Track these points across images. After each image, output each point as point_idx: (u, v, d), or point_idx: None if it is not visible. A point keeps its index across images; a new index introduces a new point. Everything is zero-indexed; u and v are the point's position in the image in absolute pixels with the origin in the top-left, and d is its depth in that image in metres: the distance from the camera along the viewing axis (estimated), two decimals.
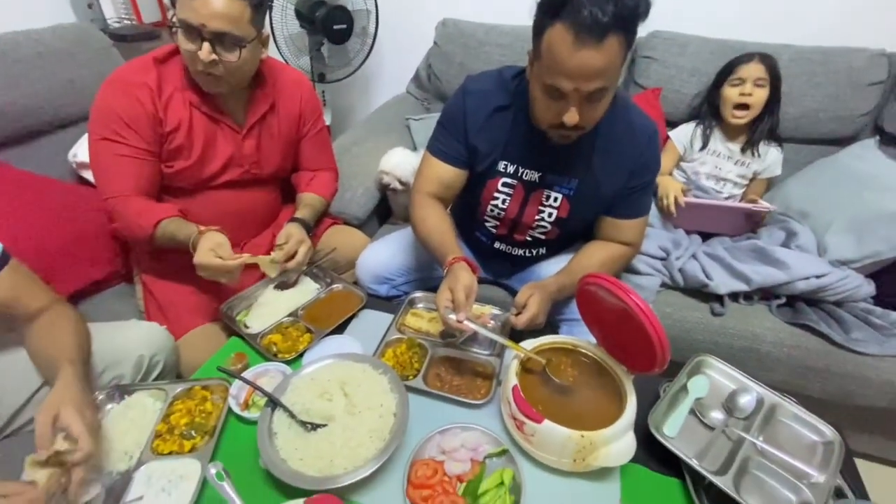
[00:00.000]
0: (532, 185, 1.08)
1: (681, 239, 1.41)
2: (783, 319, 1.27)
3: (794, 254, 1.29)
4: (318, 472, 0.75)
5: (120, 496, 0.75)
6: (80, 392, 0.74)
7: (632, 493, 0.79)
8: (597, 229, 1.15)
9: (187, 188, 1.17)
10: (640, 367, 0.80)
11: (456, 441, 0.83)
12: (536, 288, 1.02)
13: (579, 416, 0.80)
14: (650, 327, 0.71)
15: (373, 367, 0.91)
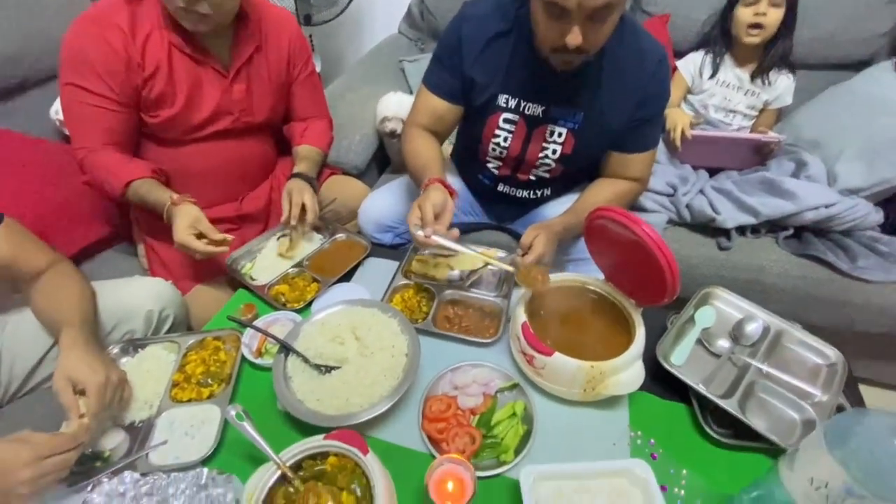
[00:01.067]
0: (535, 120, 1.04)
1: (688, 174, 1.38)
2: (789, 251, 1.26)
3: (803, 184, 1.26)
4: (335, 411, 0.77)
5: (144, 442, 0.77)
6: (84, 352, 0.74)
7: (640, 419, 0.82)
8: (603, 166, 1.12)
9: (177, 139, 1.12)
10: (648, 300, 0.80)
11: (468, 377, 0.85)
12: (542, 228, 1.01)
13: (588, 349, 0.81)
14: (661, 256, 0.70)
15: (382, 311, 0.92)
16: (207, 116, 1.11)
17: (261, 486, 0.65)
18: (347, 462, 0.68)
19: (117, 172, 1.04)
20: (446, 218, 0.92)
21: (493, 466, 0.74)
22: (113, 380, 0.71)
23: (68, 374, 0.70)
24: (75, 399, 0.69)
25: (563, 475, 0.69)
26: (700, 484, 0.73)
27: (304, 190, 1.15)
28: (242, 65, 1.11)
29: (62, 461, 0.66)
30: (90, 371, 0.70)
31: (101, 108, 1.00)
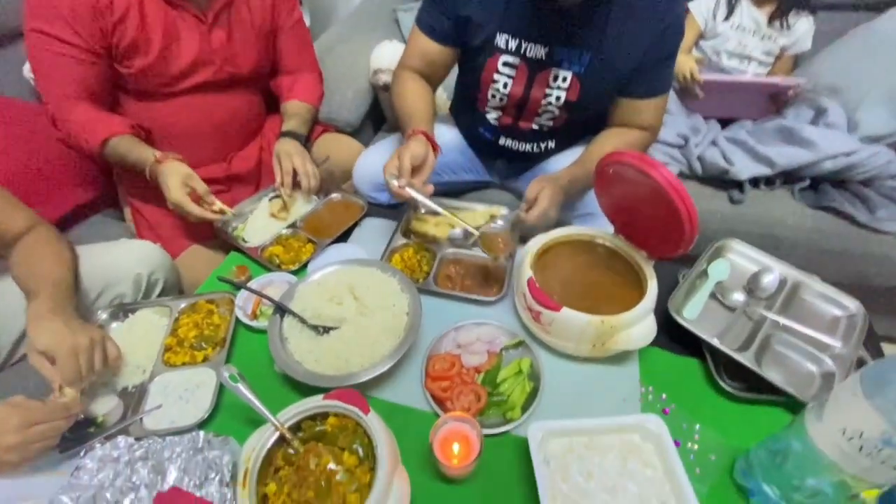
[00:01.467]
0: (537, 63, 0.96)
1: (699, 125, 1.31)
2: (805, 203, 1.21)
3: (823, 132, 1.19)
4: (334, 371, 0.74)
5: (138, 406, 0.75)
6: (49, 321, 0.69)
7: (651, 375, 0.79)
8: (611, 114, 1.05)
9: (156, 93, 1.05)
10: (663, 251, 0.76)
11: (471, 335, 0.81)
12: (547, 181, 0.95)
13: (597, 304, 0.77)
14: (679, 202, 0.65)
15: (381, 270, 0.88)
16: (186, 66, 1.03)
17: (258, 448, 0.62)
18: (348, 422, 0.66)
19: (93, 129, 0.98)
20: (425, 172, 0.89)
21: (500, 424, 0.71)
22: (83, 343, 0.67)
23: (37, 347, 0.66)
24: (54, 369, 0.66)
25: (573, 431, 0.66)
26: (713, 438, 0.71)
27: (294, 153, 1.08)
28: (221, 9, 1.03)
29: (51, 429, 0.64)
30: (55, 339, 0.66)
31: (69, 56, 0.93)
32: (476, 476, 0.67)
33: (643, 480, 0.62)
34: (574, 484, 0.62)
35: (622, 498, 0.61)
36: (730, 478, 0.67)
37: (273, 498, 0.60)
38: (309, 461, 0.62)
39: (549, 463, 0.64)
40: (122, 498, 0.61)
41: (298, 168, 1.07)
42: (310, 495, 0.59)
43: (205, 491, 0.60)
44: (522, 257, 0.86)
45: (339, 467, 0.62)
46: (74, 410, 0.67)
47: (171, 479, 0.62)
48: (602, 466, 0.64)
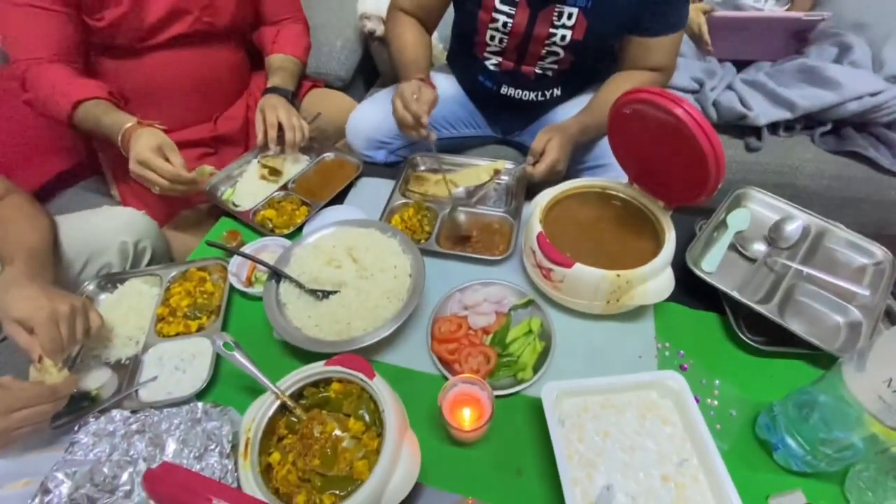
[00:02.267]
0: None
1: (715, 68, 1.22)
2: (826, 149, 1.14)
3: (847, 71, 1.11)
4: (336, 336, 0.70)
5: (133, 379, 0.71)
6: (25, 288, 0.64)
7: (667, 331, 0.75)
8: (620, 55, 0.97)
9: (131, 47, 0.96)
10: (683, 198, 0.70)
11: (478, 296, 0.77)
12: (555, 131, 0.89)
13: (610, 258, 0.73)
14: (704, 139, 0.59)
15: (380, 230, 0.83)
16: (161, 17, 0.94)
17: (259, 417, 0.59)
18: (353, 388, 0.63)
19: (65, 90, 0.90)
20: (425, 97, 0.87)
21: (511, 385, 0.68)
22: (63, 310, 0.63)
23: (11, 315, 0.62)
24: (32, 339, 0.62)
25: (588, 390, 0.63)
26: (734, 394, 0.68)
27: (279, 106, 1.01)
28: None
29: (36, 414, 0.60)
30: (33, 307, 0.62)
31: (36, 7, 0.84)
32: (487, 438, 0.64)
33: (662, 438, 0.60)
34: (590, 443, 0.60)
35: (640, 456, 0.58)
36: (751, 433, 0.64)
37: (277, 467, 0.57)
38: (313, 429, 0.59)
39: (563, 423, 0.62)
40: (119, 472, 0.59)
41: (284, 121, 1.00)
42: (315, 463, 0.57)
43: (204, 463, 0.57)
44: (530, 212, 0.81)
45: (344, 434, 0.59)
46: (63, 394, 0.63)
47: (170, 451, 0.60)
48: (619, 425, 0.61)
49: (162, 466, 0.37)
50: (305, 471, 0.57)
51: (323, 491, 0.55)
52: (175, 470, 0.36)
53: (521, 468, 0.62)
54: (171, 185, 0.85)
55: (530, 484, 0.61)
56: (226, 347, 0.63)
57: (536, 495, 0.60)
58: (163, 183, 0.84)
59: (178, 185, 0.85)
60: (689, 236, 0.82)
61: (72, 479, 0.58)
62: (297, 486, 0.56)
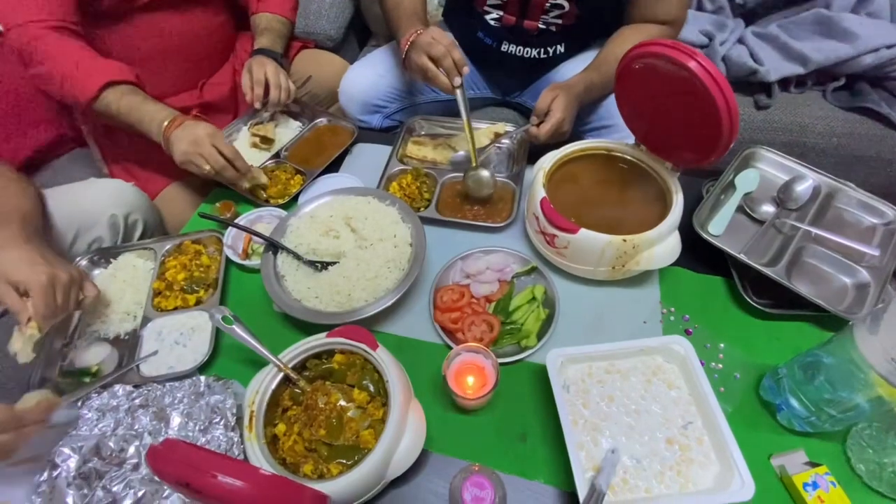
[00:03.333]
0: None
1: (725, 20, 1.16)
2: (838, 105, 1.10)
3: (864, 21, 1.06)
4: (337, 308, 0.69)
5: (133, 354, 0.71)
6: (24, 250, 0.62)
7: (672, 295, 0.74)
8: (627, 7, 0.91)
9: (113, 12, 0.90)
10: (694, 159, 0.68)
11: (480, 264, 0.76)
12: (560, 89, 0.85)
13: (616, 222, 0.71)
14: (718, 94, 0.55)
15: (378, 198, 0.80)
16: None
17: (262, 390, 0.59)
18: (356, 358, 0.62)
19: (90, 69, 0.82)
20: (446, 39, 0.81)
21: (515, 353, 0.68)
22: (62, 278, 0.61)
23: (6, 275, 0.59)
24: (22, 301, 0.60)
25: (593, 356, 0.63)
26: (738, 357, 0.68)
27: (266, 63, 0.96)
28: None
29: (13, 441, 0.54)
30: (31, 270, 0.60)
31: None
32: (492, 405, 0.65)
33: (667, 402, 0.60)
34: (595, 408, 0.60)
35: (645, 419, 0.59)
36: (755, 395, 0.65)
37: (283, 438, 0.58)
38: (317, 400, 0.59)
39: (568, 389, 0.61)
40: (126, 446, 0.59)
41: (271, 78, 0.95)
42: (321, 433, 0.57)
43: (210, 436, 0.57)
44: (533, 176, 0.78)
45: (349, 404, 0.59)
46: (29, 421, 0.56)
47: (175, 425, 0.60)
48: (624, 390, 0.61)
49: (165, 443, 0.37)
50: (311, 441, 0.57)
51: (330, 460, 0.55)
52: (178, 446, 0.35)
53: (525, 433, 0.62)
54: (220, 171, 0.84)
55: (534, 449, 0.61)
56: (225, 321, 0.61)
57: (541, 459, 0.60)
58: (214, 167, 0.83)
59: (226, 173, 0.84)
60: (695, 199, 0.80)
61: (78, 454, 0.58)
62: (304, 455, 0.56)
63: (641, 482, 0.55)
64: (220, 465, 0.34)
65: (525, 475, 0.59)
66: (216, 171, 0.83)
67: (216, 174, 0.83)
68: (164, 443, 0.37)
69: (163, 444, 0.37)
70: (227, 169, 0.84)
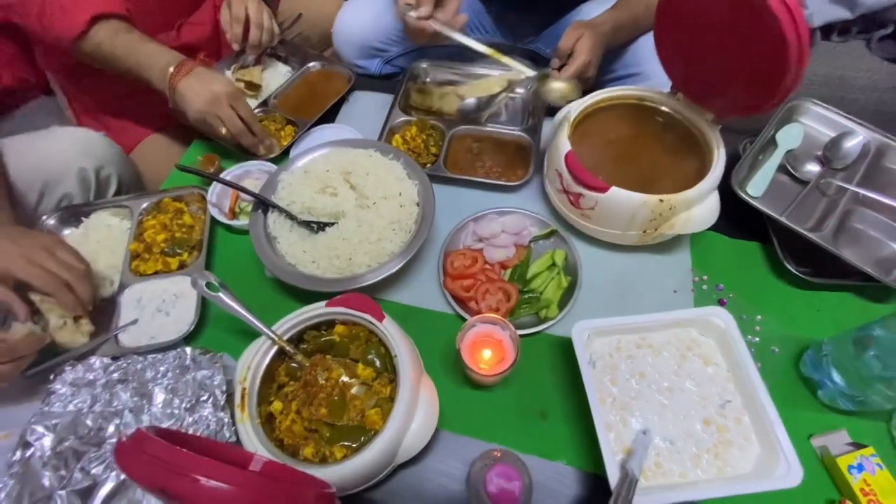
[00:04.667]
0: None
1: None
2: (882, 56, 0.99)
3: None
4: (336, 273, 0.62)
5: (110, 323, 0.64)
6: None
7: (705, 262, 0.68)
8: None
9: None
10: (743, 106, 0.59)
11: (494, 227, 0.69)
12: (586, 27, 0.75)
13: (646, 181, 0.63)
14: (787, 20, 0.47)
15: (381, 152, 0.71)
16: None
17: (254, 365, 0.52)
18: (359, 330, 0.56)
19: None
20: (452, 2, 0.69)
21: (533, 324, 0.62)
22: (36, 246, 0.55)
23: None
24: (16, 297, 0.54)
25: (622, 329, 0.57)
26: (777, 329, 0.62)
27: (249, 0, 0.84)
28: None
29: None
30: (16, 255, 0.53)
31: None
32: (508, 380, 0.59)
33: (703, 379, 0.55)
34: (625, 386, 0.55)
35: (679, 398, 0.53)
36: (794, 371, 0.59)
37: (280, 417, 0.52)
38: (317, 375, 0.53)
39: (594, 364, 0.56)
40: (105, 424, 0.53)
41: (252, 15, 0.84)
42: (322, 412, 0.51)
43: (197, 415, 0.51)
44: (555, 129, 0.70)
45: (353, 380, 0.53)
46: (21, 353, 0.54)
47: (159, 401, 0.54)
48: (655, 366, 0.56)
49: (136, 436, 0.30)
50: (312, 420, 0.51)
51: (333, 442, 0.50)
52: (149, 441, 0.29)
53: (546, 411, 0.57)
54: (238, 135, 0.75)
55: (556, 428, 0.56)
56: (209, 288, 0.54)
57: (563, 439, 0.55)
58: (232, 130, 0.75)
59: (243, 138, 0.76)
60: (731, 158, 0.72)
61: (53, 432, 0.52)
62: (304, 437, 0.51)
63: (676, 466, 0.50)
64: (205, 465, 0.27)
65: (546, 456, 0.54)
66: (233, 136, 0.74)
67: (230, 140, 0.75)
68: (136, 435, 0.31)
69: (132, 437, 0.30)
70: (245, 135, 0.75)
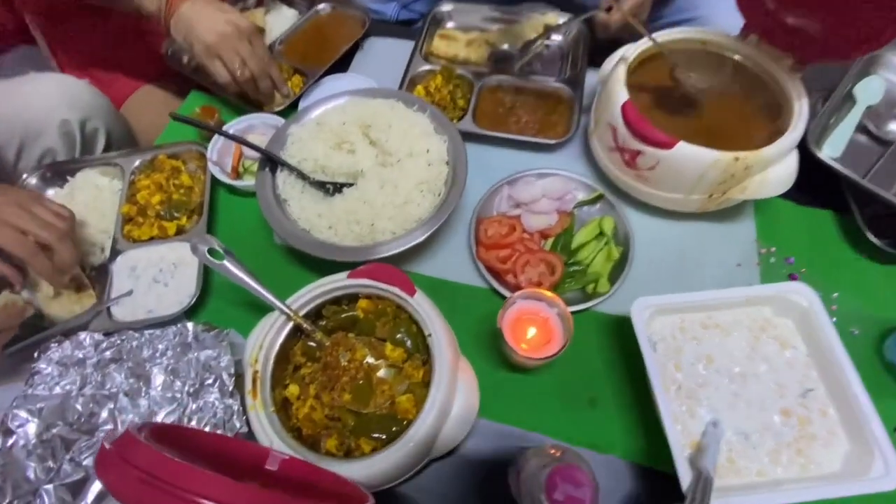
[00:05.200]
0: None
1: None
2: None
3: None
4: (356, 241, 0.55)
5: (101, 294, 0.57)
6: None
7: (771, 232, 0.60)
8: None
9: None
10: (841, 46, 0.50)
11: (534, 190, 0.60)
12: None
13: (711, 138, 0.54)
14: None
15: (405, 102, 0.62)
16: None
17: (267, 344, 0.45)
18: (386, 306, 0.48)
19: None
20: None
21: (580, 300, 0.54)
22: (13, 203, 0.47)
23: None
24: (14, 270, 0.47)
25: (686, 307, 0.50)
26: (856, 309, 0.55)
27: None
28: None
29: None
30: None
31: None
32: (553, 363, 0.52)
33: (780, 364, 0.48)
34: (690, 371, 0.48)
35: (754, 386, 0.47)
36: (876, 355, 0.52)
37: (297, 403, 0.45)
38: (338, 356, 0.46)
39: (655, 347, 0.49)
40: (97, 409, 0.46)
41: None
42: (346, 399, 0.44)
43: (202, 401, 0.45)
44: (606, 78, 0.61)
45: (379, 361, 0.47)
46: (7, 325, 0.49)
47: (158, 384, 0.47)
48: (724, 348, 0.49)
49: (122, 440, 0.23)
50: (335, 407, 0.45)
51: (359, 433, 0.43)
52: (137, 450, 0.22)
53: (595, 397, 0.51)
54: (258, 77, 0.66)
55: (607, 416, 0.50)
56: (213, 255, 0.47)
57: (615, 429, 0.49)
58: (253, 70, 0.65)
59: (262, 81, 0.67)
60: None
61: (38, 418, 0.46)
62: (326, 426, 0.44)
63: (752, 463, 0.44)
64: (205, 481, 0.21)
65: (596, 448, 0.48)
66: (250, 78, 0.64)
67: (245, 82, 0.65)
68: (121, 440, 0.24)
69: (116, 442, 0.23)
70: (265, 77, 0.65)
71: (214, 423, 0.43)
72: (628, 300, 0.49)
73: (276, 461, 0.36)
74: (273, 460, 0.36)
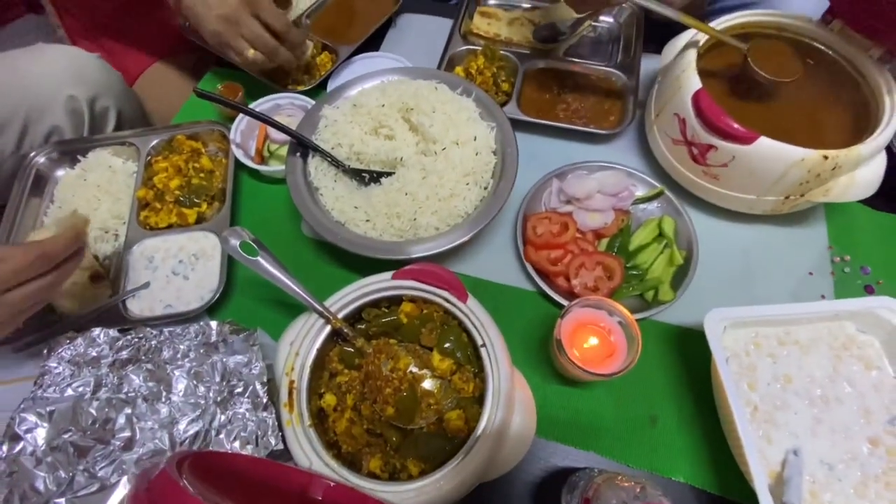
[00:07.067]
0: None
1: None
2: None
3: None
4: (396, 236, 0.50)
5: (116, 286, 0.52)
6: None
7: (845, 239, 0.55)
8: None
9: None
10: None
11: (588, 185, 0.55)
12: None
13: (787, 134, 0.49)
14: None
15: (448, 84, 0.57)
16: None
17: (304, 351, 0.41)
18: (432, 310, 0.44)
19: None
20: None
21: (639, 308, 0.50)
22: None
23: None
24: None
25: (761, 320, 0.45)
26: None
27: None
28: None
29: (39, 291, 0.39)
30: None
31: None
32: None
33: (865, 387, 0.43)
34: (767, 392, 0.43)
35: (837, 410, 0.42)
36: None
37: (334, 416, 0.41)
38: (380, 364, 0.42)
39: (727, 362, 0.44)
40: (113, 414, 0.42)
41: None
42: (389, 413, 0.40)
43: (231, 412, 0.40)
44: (669, 64, 0.55)
45: (423, 371, 0.42)
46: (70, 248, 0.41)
47: (179, 389, 0.43)
48: (804, 368, 0.44)
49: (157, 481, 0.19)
50: (375, 422, 0.40)
51: (405, 452, 0.39)
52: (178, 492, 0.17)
53: (656, 415, 0.46)
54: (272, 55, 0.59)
55: (669, 437, 0.45)
56: (245, 250, 0.42)
57: (679, 451, 0.45)
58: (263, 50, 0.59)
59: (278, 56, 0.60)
60: None
61: (48, 422, 0.42)
62: (367, 443, 0.40)
63: (837, 497, 0.39)
64: None
65: (659, 470, 0.44)
66: (265, 58, 0.58)
67: (263, 62, 0.59)
68: (155, 480, 0.19)
69: (151, 483, 0.19)
70: (279, 51, 0.59)
71: (245, 438, 0.39)
72: (691, 310, 0.44)
73: (321, 488, 0.31)
74: (317, 487, 0.32)
